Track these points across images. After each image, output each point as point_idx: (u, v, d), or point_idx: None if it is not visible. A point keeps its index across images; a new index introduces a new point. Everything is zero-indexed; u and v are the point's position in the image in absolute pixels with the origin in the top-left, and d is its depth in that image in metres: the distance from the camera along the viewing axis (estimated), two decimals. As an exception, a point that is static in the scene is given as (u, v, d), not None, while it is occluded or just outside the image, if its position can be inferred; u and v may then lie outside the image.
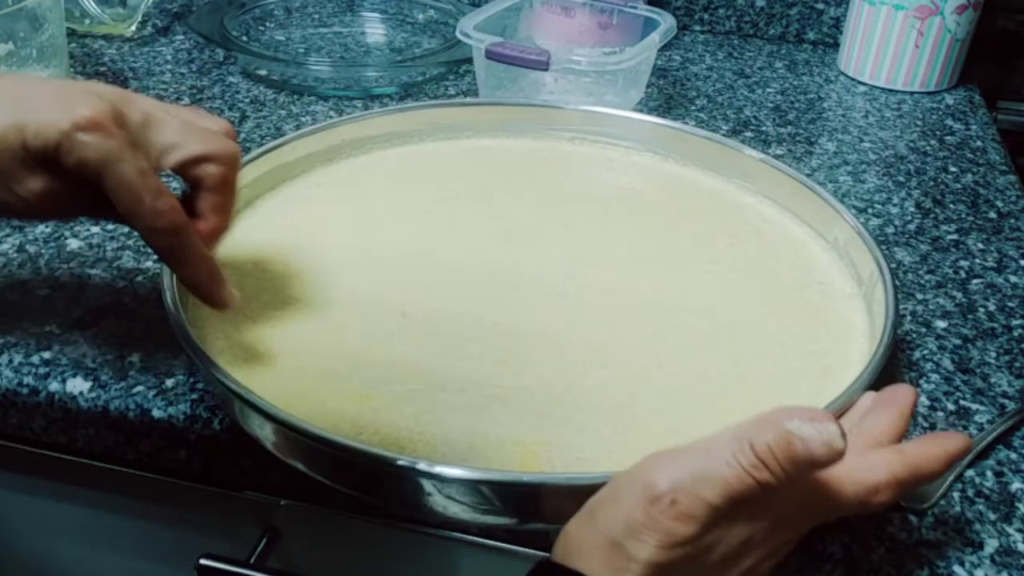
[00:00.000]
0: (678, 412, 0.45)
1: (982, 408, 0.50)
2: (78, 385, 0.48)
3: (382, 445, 0.42)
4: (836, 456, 0.31)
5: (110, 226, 0.61)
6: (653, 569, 0.32)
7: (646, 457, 0.34)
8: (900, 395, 0.40)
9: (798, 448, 0.31)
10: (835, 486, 0.35)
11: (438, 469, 0.37)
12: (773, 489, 0.32)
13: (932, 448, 0.37)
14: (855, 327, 0.51)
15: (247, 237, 0.57)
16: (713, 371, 0.47)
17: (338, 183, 0.63)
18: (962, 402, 0.50)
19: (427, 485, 0.38)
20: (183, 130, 0.41)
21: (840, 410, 0.41)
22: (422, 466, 0.37)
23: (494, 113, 0.69)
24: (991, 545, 0.42)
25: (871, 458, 0.36)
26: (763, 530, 0.34)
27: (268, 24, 0.97)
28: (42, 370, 0.49)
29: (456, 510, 0.39)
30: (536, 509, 0.39)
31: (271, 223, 0.58)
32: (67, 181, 0.39)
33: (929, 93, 0.89)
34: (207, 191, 0.42)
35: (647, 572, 0.32)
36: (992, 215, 0.69)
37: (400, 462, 0.38)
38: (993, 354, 0.54)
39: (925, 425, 0.49)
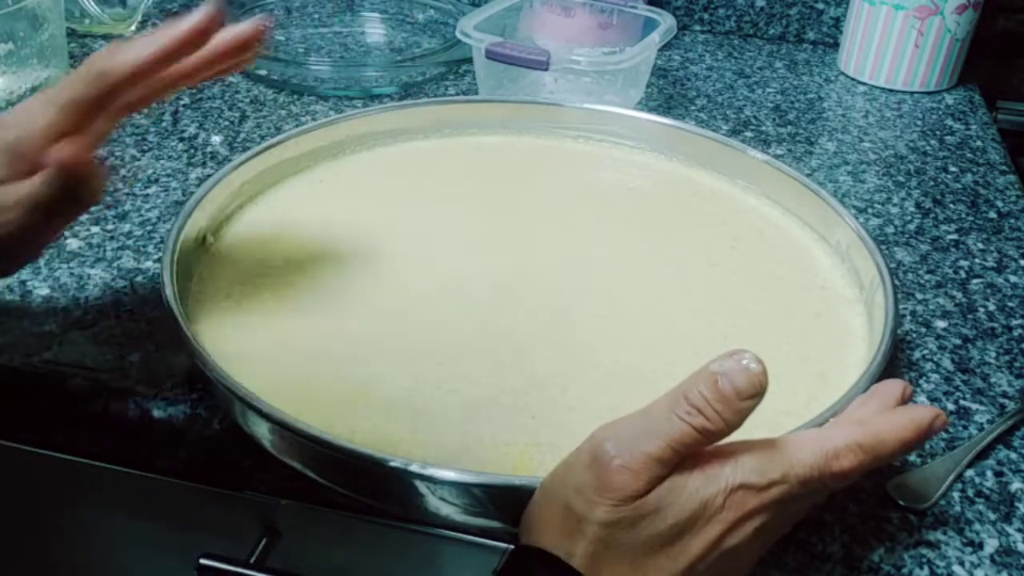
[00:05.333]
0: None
1: (982, 408, 0.50)
2: (78, 385, 0.48)
3: (376, 445, 0.42)
4: (756, 380, 0.33)
5: (110, 225, 0.61)
6: (604, 529, 0.32)
7: (596, 428, 0.34)
8: (886, 387, 0.40)
9: (723, 384, 0.32)
10: (792, 451, 0.35)
11: (430, 471, 0.37)
12: (712, 434, 0.33)
13: (897, 417, 0.37)
14: (855, 332, 0.51)
15: (249, 233, 0.57)
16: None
17: (341, 179, 0.63)
18: (962, 402, 0.50)
19: (420, 486, 0.38)
20: None
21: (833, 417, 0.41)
22: (414, 468, 0.37)
23: (498, 111, 0.69)
24: (991, 545, 0.42)
25: (830, 428, 0.37)
26: (718, 496, 0.33)
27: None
28: (42, 370, 0.49)
29: (449, 511, 0.39)
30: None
31: (273, 219, 0.58)
32: None
33: (929, 93, 0.89)
34: None
35: (599, 533, 0.32)
36: (992, 215, 0.69)
37: (392, 463, 0.38)
38: (993, 354, 0.54)
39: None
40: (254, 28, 0.45)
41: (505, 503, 0.38)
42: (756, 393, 0.33)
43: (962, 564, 0.41)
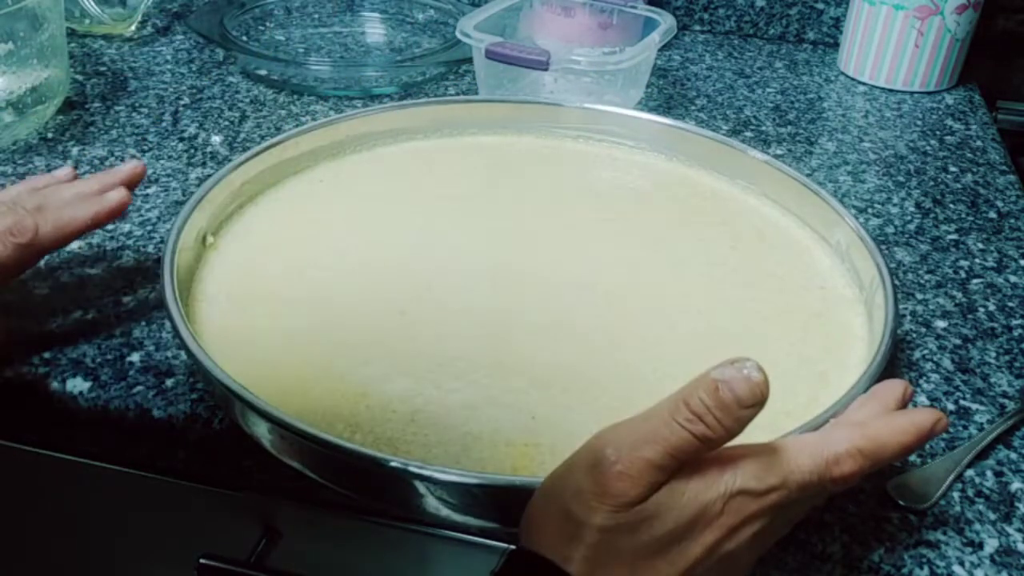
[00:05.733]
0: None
1: (982, 408, 0.50)
2: (78, 385, 0.48)
3: (376, 445, 0.42)
4: (757, 389, 0.32)
5: (110, 226, 0.61)
6: (603, 534, 0.32)
7: (596, 432, 0.34)
8: (886, 388, 0.40)
9: (724, 392, 0.32)
10: (792, 456, 0.35)
11: (430, 471, 0.37)
12: (712, 441, 0.33)
13: (898, 421, 0.37)
14: (854, 332, 0.51)
15: (249, 232, 0.57)
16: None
17: (341, 179, 0.63)
18: (962, 402, 0.50)
19: (420, 487, 0.38)
20: None
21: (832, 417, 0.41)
22: (414, 468, 0.37)
23: (498, 110, 0.69)
24: (991, 545, 0.42)
25: (830, 433, 0.37)
26: (717, 502, 0.33)
27: (268, 24, 0.97)
28: (42, 370, 0.49)
29: (448, 511, 0.39)
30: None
31: (273, 219, 0.58)
32: None
33: (929, 93, 0.89)
34: None
35: (597, 538, 0.32)
36: (992, 215, 0.69)
37: (392, 463, 0.37)
38: (993, 354, 0.54)
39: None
40: (134, 169, 0.53)
41: (505, 503, 0.38)
42: (757, 402, 0.33)
43: (962, 564, 0.41)
